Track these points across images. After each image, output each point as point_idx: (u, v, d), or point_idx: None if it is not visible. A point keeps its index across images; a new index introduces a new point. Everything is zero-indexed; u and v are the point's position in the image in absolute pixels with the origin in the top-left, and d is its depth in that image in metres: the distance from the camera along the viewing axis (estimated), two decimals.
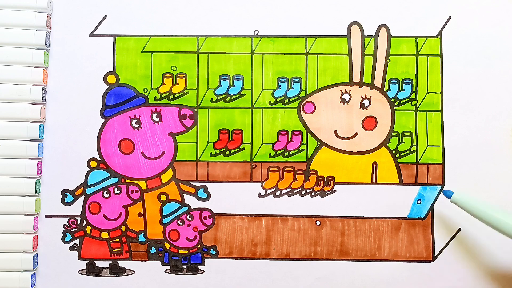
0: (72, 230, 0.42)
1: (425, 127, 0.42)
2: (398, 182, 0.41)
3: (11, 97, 0.40)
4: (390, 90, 0.42)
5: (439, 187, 0.41)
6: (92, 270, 0.41)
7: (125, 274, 0.42)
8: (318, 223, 0.41)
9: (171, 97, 0.42)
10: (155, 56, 0.42)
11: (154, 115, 0.42)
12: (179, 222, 0.42)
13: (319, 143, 0.42)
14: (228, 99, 0.42)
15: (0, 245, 0.40)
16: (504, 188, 0.41)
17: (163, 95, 0.42)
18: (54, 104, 0.42)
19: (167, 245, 0.42)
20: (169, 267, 0.42)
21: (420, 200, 0.41)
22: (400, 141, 0.42)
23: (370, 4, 0.42)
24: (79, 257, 0.42)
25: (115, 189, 0.42)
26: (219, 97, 0.42)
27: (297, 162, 0.42)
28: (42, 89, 0.41)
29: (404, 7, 0.42)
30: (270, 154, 0.42)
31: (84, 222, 0.42)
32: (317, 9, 0.42)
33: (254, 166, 0.42)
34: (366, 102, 0.42)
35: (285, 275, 0.41)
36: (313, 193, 0.41)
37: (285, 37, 0.42)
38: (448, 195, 0.38)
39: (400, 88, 0.42)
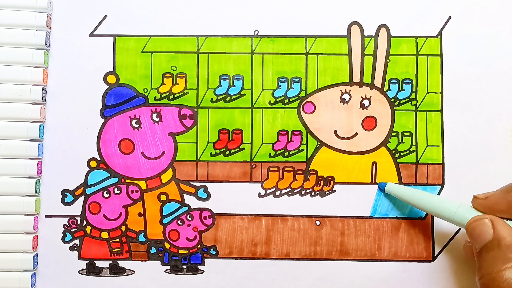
0: (72, 230, 0.42)
1: (425, 127, 0.42)
2: (397, 182, 0.41)
3: (11, 97, 0.40)
4: (390, 90, 0.42)
5: (438, 187, 0.41)
6: (92, 270, 0.41)
7: (125, 274, 0.42)
8: (318, 223, 0.41)
9: (171, 97, 0.42)
10: (155, 56, 0.42)
11: (154, 115, 0.42)
12: (179, 222, 0.42)
13: (319, 143, 0.42)
14: (228, 99, 0.42)
15: (0, 245, 0.40)
16: None
17: (163, 95, 0.42)
18: (54, 104, 0.42)
19: (167, 245, 0.42)
20: (169, 267, 0.42)
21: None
22: (400, 141, 0.42)
23: (370, 4, 0.42)
24: (79, 257, 0.42)
25: (115, 189, 0.42)
26: (219, 97, 0.42)
27: (297, 162, 0.42)
28: (42, 89, 0.41)
29: (404, 7, 0.42)
30: (270, 154, 0.42)
31: (84, 222, 0.42)
32: (317, 9, 0.42)
33: (254, 166, 0.42)
34: (366, 102, 0.42)
35: (285, 275, 0.41)
36: (313, 193, 0.41)
37: (285, 37, 0.42)
38: (382, 186, 0.41)
39: (400, 88, 0.42)
